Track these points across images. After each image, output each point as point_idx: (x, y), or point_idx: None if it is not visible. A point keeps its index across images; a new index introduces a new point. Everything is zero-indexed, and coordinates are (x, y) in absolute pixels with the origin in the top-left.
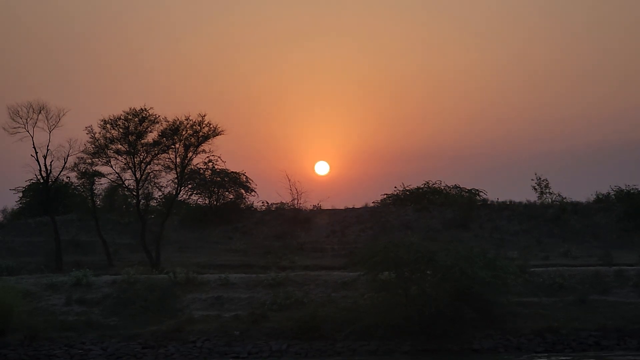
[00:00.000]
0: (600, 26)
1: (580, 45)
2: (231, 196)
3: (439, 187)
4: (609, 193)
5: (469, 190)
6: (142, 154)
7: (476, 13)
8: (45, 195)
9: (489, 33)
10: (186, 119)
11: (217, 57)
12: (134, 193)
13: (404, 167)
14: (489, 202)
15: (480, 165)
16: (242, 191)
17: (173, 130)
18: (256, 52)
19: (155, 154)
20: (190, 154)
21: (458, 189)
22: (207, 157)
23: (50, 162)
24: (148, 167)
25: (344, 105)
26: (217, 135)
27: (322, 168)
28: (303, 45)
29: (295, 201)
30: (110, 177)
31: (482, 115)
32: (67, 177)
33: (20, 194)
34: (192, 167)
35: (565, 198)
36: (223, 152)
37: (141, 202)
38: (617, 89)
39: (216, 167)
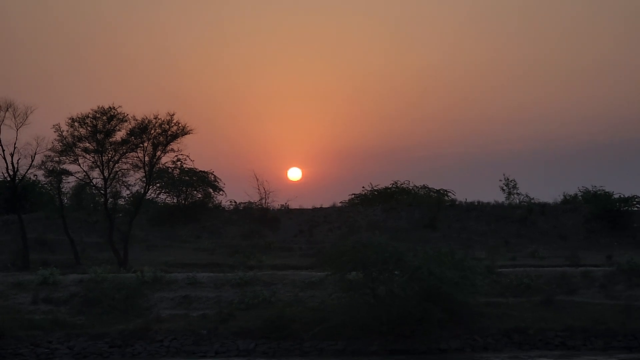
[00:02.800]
0: (580, 26)
1: (551, 47)
2: (199, 195)
3: (407, 187)
4: (576, 194)
5: (437, 191)
6: (111, 152)
7: (451, 9)
8: (11, 193)
9: (458, 31)
10: (155, 118)
11: (188, 55)
12: (102, 192)
13: (371, 167)
14: (457, 203)
15: (448, 165)
16: (211, 190)
17: (141, 129)
18: (226, 51)
19: (123, 152)
20: (158, 153)
21: (426, 189)
22: (176, 156)
23: (17, 160)
24: (116, 165)
25: (314, 105)
26: (185, 134)
27: (295, 173)
28: (270, 45)
29: (263, 201)
30: (78, 175)
31: (450, 115)
32: (34, 175)
33: None
34: (161, 165)
35: (532, 199)
36: (191, 152)
37: (109, 201)
38: (586, 91)
39: (184, 166)
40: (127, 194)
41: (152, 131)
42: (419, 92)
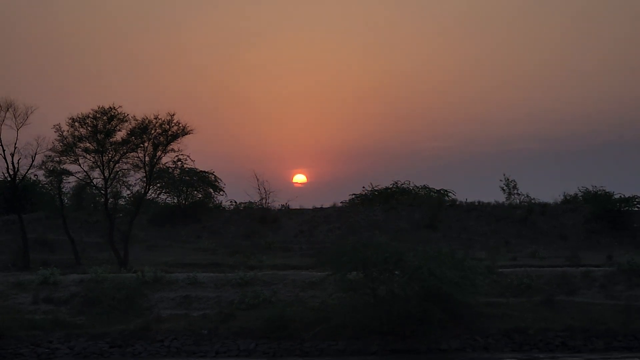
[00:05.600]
0: (580, 26)
1: (552, 47)
2: (200, 195)
3: (407, 187)
4: (577, 194)
5: (438, 191)
6: (111, 152)
7: (449, 8)
8: (12, 193)
9: (458, 30)
10: (155, 118)
11: (190, 54)
12: (102, 192)
13: (372, 167)
14: (457, 203)
15: (449, 165)
16: (211, 190)
17: (142, 129)
18: (229, 53)
19: (123, 152)
20: (159, 153)
21: (427, 189)
22: (176, 156)
23: (18, 160)
24: (117, 165)
25: (315, 105)
26: (186, 134)
27: (300, 178)
28: (273, 47)
29: (264, 201)
30: (78, 175)
31: (450, 115)
32: (34, 175)
33: None
34: (161, 166)
35: (533, 199)
36: (192, 152)
37: (109, 201)
38: (586, 91)
39: (185, 166)
40: (128, 194)
41: (153, 131)
42: (420, 93)
